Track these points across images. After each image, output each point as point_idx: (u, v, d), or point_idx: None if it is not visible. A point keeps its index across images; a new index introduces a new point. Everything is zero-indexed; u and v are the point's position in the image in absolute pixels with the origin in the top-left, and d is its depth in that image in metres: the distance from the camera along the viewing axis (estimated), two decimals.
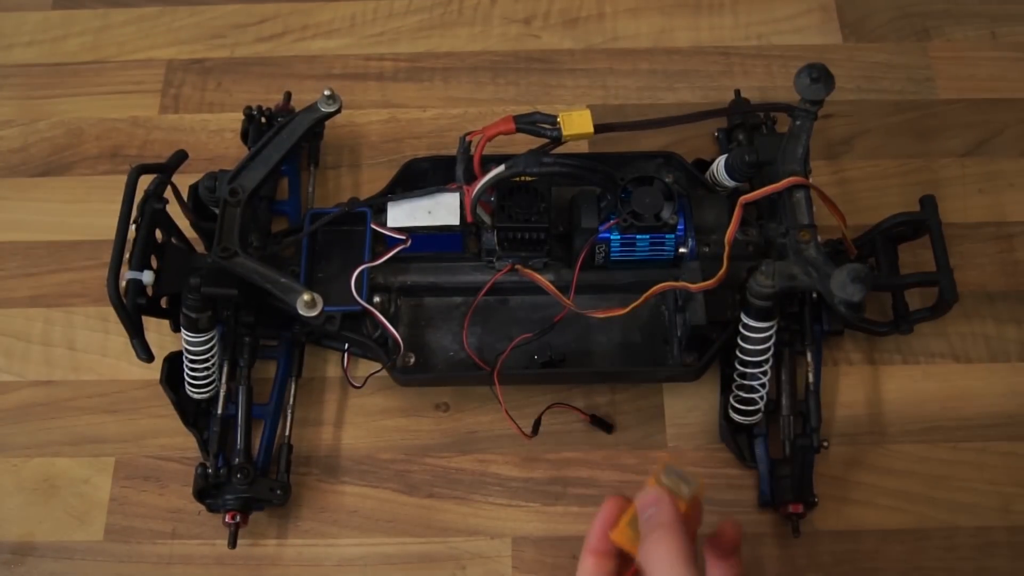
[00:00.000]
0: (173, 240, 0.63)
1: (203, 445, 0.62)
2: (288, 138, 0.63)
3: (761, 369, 0.60)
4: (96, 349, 0.68)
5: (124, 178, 0.59)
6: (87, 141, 0.76)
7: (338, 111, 0.64)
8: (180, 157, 0.63)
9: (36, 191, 0.74)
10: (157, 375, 0.62)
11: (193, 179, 0.65)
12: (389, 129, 0.76)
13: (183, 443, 0.64)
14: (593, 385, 0.66)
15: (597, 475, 0.64)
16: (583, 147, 0.70)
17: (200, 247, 0.66)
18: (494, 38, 0.79)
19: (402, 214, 0.63)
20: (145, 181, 0.60)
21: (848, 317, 0.57)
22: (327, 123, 0.66)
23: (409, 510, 0.63)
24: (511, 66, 0.78)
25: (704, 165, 0.67)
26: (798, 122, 0.60)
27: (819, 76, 0.58)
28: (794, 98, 0.60)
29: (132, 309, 0.57)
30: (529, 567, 0.61)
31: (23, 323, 0.69)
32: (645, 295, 0.58)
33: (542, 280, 0.61)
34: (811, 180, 0.62)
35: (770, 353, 0.60)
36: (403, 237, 0.63)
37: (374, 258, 0.63)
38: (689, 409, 0.65)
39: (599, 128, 0.60)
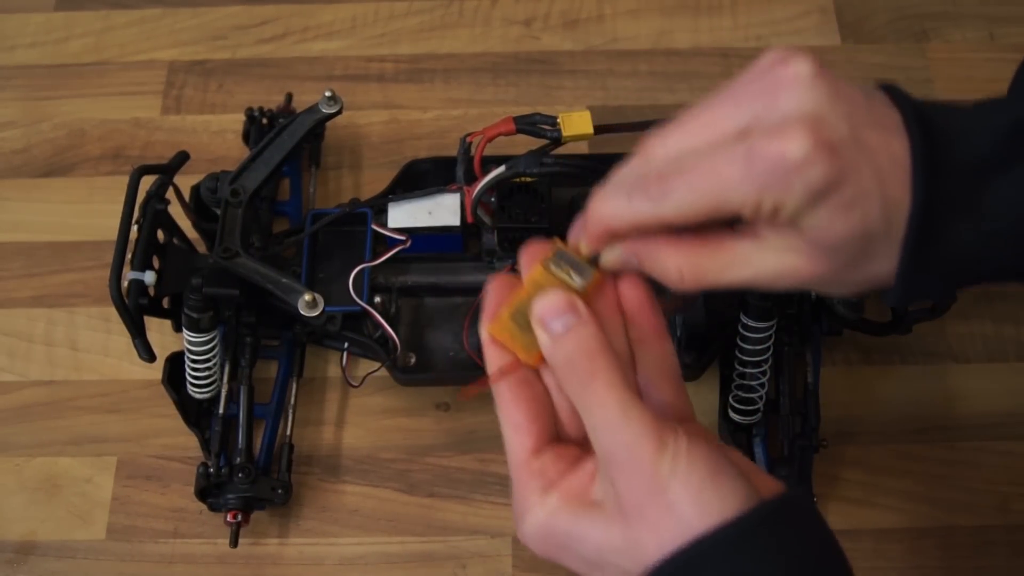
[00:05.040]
0: (175, 241, 0.64)
1: (205, 445, 0.62)
2: (289, 139, 0.63)
3: (760, 369, 0.60)
4: (98, 349, 0.69)
5: (126, 179, 0.60)
6: (89, 142, 0.76)
7: (339, 112, 0.64)
8: (182, 158, 0.63)
9: (38, 192, 0.74)
10: (159, 375, 0.62)
11: (195, 180, 0.65)
12: (390, 130, 0.76)
13: (185, 443, 0.64)
14: None
15: None
16: (583, 148, 0.71)
17: (202, 247, 0.66)
18: (494, 39, 0.79)
19: (403, 215, 0.63)
20: (147, 182, 0.60)
21: (847, 317, 0.57)
22: (328, 124, 0.66)
23: (410, 509, 0.63)
24: (511, 67, 0.78)
25: None
26: None
27: None
28: None
29: (134, 309, 0.58)
30: (530, 566, 0.61)
31: (25, 323, 0.70)
32: None
33: None
34: None
35: (769, 353, 0.60)
36: (403, 238, 0.63)
37: (374, 258, 0.63)
38: None
39: (599, 129, 0.60)
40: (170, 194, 0.61)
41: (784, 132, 0.34)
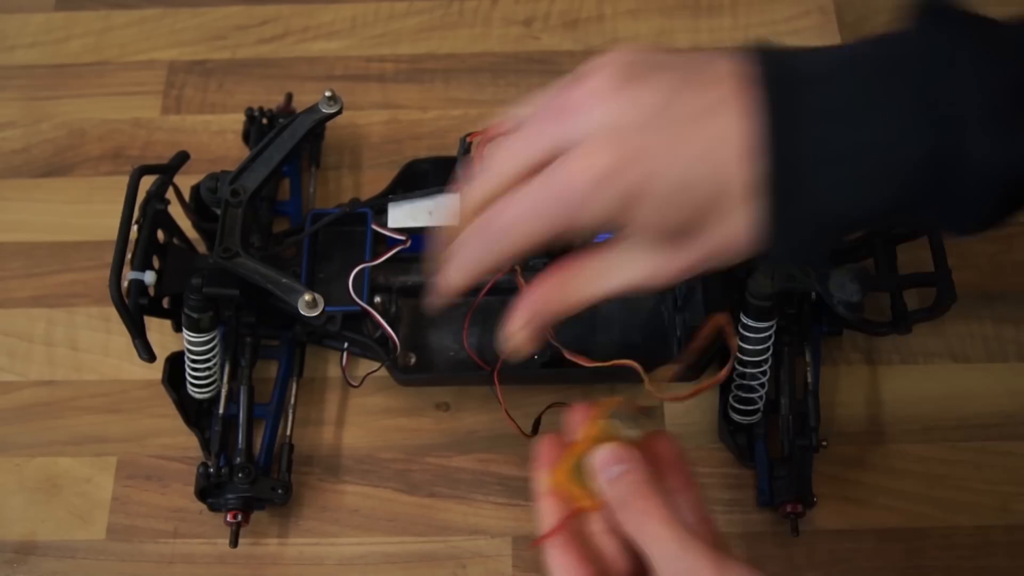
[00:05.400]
0: (175, 241, 0.64)
1: (205, 445, 0.62)
2: (289, 139, 0.63)
3: (760, 369, 0.60)
4: (98, 349, 0.69)
5: (126, 179, 0.60)
6: (89, 142, 0.76)
7: (339, 112, 0.64)
8: (182, 158, 0.63)
9: (38, 192, 0.74)
10: (159, 375, 0.62)
11: (195, 180, 0.65)
12: (390, 130, 0.76)
13: (185, 443, 0.64)
14: (593, 385, 0.66)
15: None
16: None
17: (202, 248, 0.67)
18: (494, 39, 0.79)
19: (403, 215, 0.63)
20: (147, 182, 0.60)
21: (847, 317, 0.57)
22: (328, 124, 0.66)
23: (410, 509, 0.63)
24: (511, 67, 0.78)
25: None
26: None
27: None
28: None
29: (134, 309, 0.58)
30: (530, 566, 0.61)
31: (25, 323, 0.70)
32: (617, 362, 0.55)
33: None
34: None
35: (769, 353, 0.60)
36: (403, 237, 0.63)
37: (374, 258, 0.63)
38: (688, 409, 0.65)
39: None
40: (170, 194, 0.61)
41: (580, 155, 0.37)
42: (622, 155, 0.36)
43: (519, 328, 0.43)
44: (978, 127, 0.36)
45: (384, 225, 0.63)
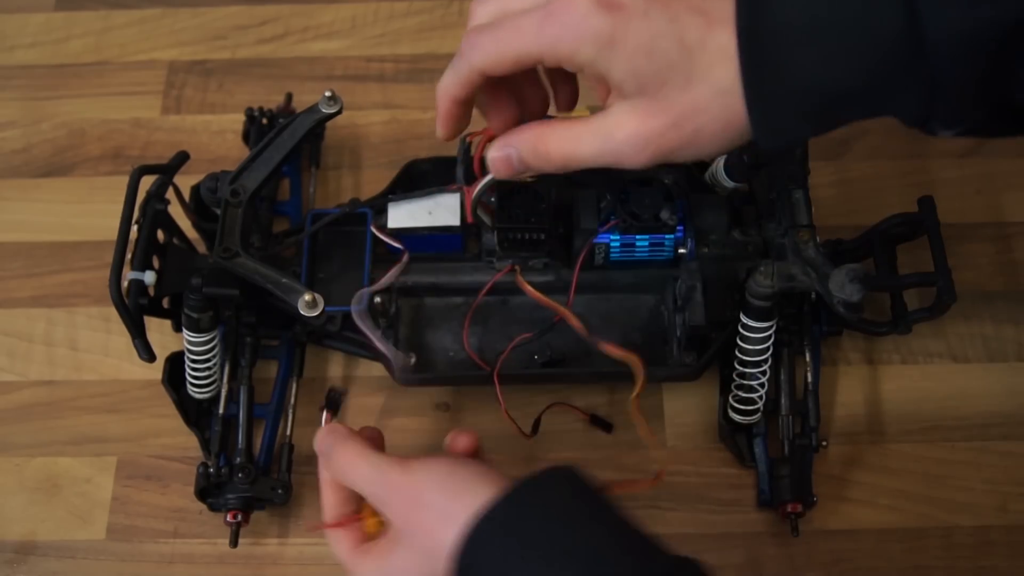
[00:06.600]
0: (175, 241, 0.64)
1: (205, 444, 0.62)
2: (289, 139, 0.63)
3: (760, 369, 0.60)
4: (98, 349, 0.69)
5: (126, 179, 0.60)
6: (89, 142, 0.76)
7: (339, 112, 0.64)
8: (182, 158, 0.63)
9: (38, 192, 0.74)
10: (159, 375, 0.62)
11: (195, 180, 0.65)
12: (390, 130, 0.76)
13: (185, 443, 0.64)
14: (593, 385, 0.66)
15: (597, 475, 0.63)
16: None
17: (202, 248, 0.67)
18: None
19: (403, 215, 0.63)
20: (147, 182, 0.60)
21: (847, 317, 0.57)
22: (328, 124, 0.66)
23: None
24: None
25: (704, 166, 0.67)
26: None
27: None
28: None
29: (134, 309, 0.58)
30: None
31: (25, 323, 0.70)
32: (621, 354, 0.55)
33: (537, 295, 0.59)
34: (809, 181, 0.62)
35: (769, 353, 0.60)
36: (400, 247, 0.62)
37: (374, 259, 0.63)
38: (688, 409, 0.65)
39: None
40: (170, 194, 0.61)
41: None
42: (604, 6, 0.41)
43: (494, 152, 0.46)
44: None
45: (384, 225, 0.63)
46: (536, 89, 0.49)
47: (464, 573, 0.42)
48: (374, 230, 0.63)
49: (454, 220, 0.63)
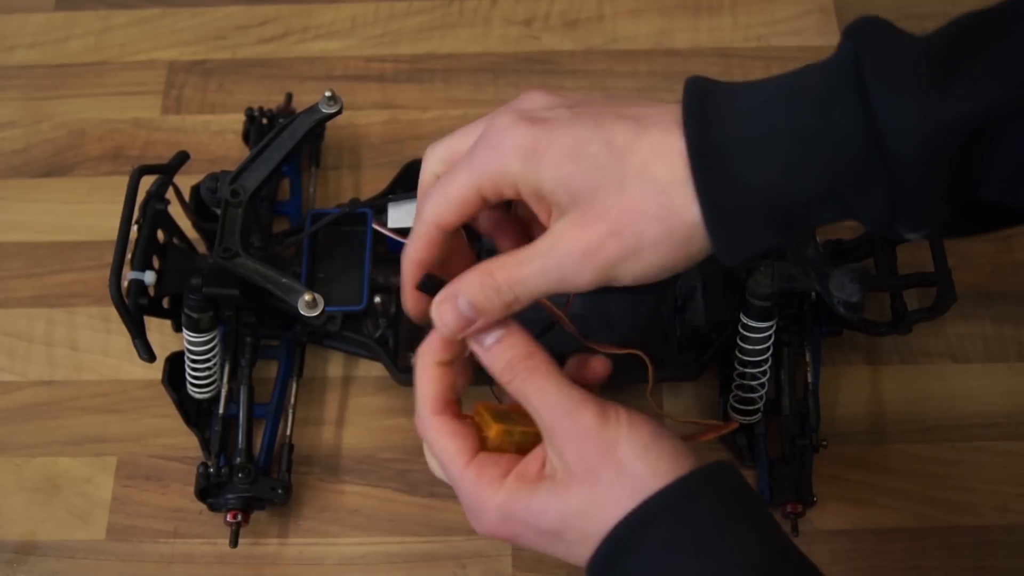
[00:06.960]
0: (175, 241, 0.64)
1: (205, 445, 0.62)
2: (289, 139, 0.63)
3: (760, 369, 0.60)
4: (98, 349, 0.69)
5: (126, 179, 0.60)
6: (89, 142, 0.76)
7: (339, 112, 0.64)
8: (182, 158, 0.63)
9: (38, 192, 0.74)
10: (159, 375, 0.62)
11: (195, 180, 0.65)
12: (390, 130, 0.76)
13: (185, 443, 0.64)
14: (592, 385, 0.66)
15: None
16: None
17: (202, 248, 0.67)
18: (494, 39, 0.79)
19: (403, 215, 0.63)
20: (147, 182, 0.60)
21: (847, 317, 0.57)
22: (328, 124, 0.66)
23: (410, 509, 0.63)
24: (511, 67, 0.78)
25: None
26: None
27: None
28: None
29: (134, 309, 0.58)
30: (529, 566, 0.61)
31: (25, 323, 0.70)
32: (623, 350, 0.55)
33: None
34: None
35: (769, 353, 0.60)
36: (403, 240, 0.62)
37: (375, 277, 0.63)
38: (689, 409, 0.65)
39: None
40: (170, 194, 0.61)
41: (493, 119, 0.42)
42: (527, 120, 0.41)
43: (437, 300, 0.44)
44: (890, 97, 0.36)
45: (384, 225, 0.63)
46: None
47: (621, 547, 0.40)
48: (376, 226, 0.63)
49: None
